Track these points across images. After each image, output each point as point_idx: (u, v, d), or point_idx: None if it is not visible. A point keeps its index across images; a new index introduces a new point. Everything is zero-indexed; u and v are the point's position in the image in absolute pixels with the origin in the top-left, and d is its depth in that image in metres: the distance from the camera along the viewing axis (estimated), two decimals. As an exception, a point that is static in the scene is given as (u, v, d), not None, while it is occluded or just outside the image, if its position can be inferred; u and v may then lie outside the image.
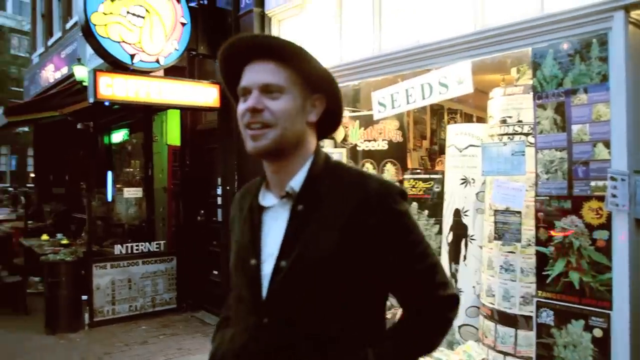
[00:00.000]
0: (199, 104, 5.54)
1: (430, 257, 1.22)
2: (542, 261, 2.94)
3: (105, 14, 4.78)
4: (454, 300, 1.24)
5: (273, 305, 1.15)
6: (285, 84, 1.18)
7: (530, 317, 3.06)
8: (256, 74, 1.19)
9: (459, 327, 3.63)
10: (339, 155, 5.08)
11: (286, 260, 1.15)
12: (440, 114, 5.47)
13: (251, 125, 1.17)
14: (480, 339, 3.48)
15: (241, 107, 1.19)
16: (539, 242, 2.98)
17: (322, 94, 1.25)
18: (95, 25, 4.72)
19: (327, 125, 1.30)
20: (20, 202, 15.55)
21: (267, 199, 1.26)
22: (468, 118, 5.58)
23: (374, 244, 1.15)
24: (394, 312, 3.19)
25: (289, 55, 1.18)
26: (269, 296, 1.16)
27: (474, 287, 3.60)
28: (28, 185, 24.49)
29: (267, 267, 1.18)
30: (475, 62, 3.47)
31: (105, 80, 4.80)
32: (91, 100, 4.84)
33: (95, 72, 4.78)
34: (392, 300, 1.26)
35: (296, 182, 1.20)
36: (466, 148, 3.70)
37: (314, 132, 1.27)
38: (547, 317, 2.91)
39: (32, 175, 21.46)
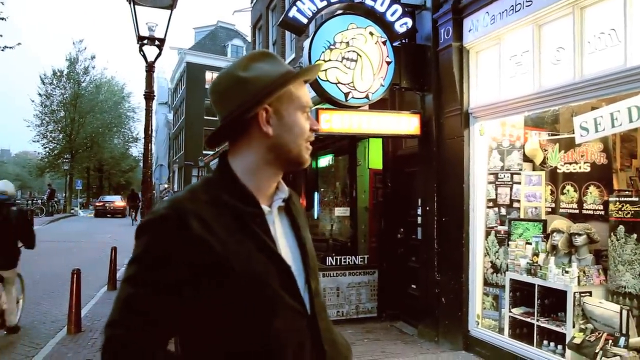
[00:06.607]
0: (402, 132, 6.17)
1: None
2: None
3: (325, 61, 5.72)
4: None
5: (315, 299, 1.27)
6: None
7: None
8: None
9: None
10: (538, 177, 5.17)
11: (308, 259, 1.29)
12: (656, 130, 5.13)
13: (310, 142, 1.30)
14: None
15: (307, 125, 1.28)
16: None
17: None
18: (325, 71, 5.69)
19: None
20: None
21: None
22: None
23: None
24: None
25: None
26: (312, 291, 1.26)
27: (692, 314, 3.45)
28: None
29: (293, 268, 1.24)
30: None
31: (325, 116, 5.73)
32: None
33: (317, 110, 5.73)
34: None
35: (285, 192, 1.32)
36: (681, 170, 3.60)
37: None
38: None
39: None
